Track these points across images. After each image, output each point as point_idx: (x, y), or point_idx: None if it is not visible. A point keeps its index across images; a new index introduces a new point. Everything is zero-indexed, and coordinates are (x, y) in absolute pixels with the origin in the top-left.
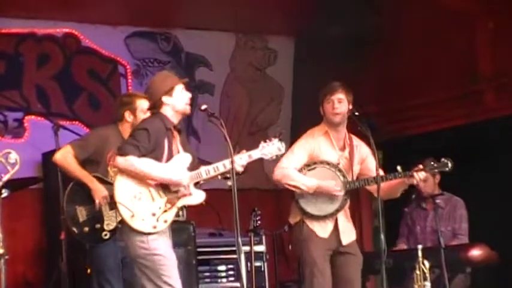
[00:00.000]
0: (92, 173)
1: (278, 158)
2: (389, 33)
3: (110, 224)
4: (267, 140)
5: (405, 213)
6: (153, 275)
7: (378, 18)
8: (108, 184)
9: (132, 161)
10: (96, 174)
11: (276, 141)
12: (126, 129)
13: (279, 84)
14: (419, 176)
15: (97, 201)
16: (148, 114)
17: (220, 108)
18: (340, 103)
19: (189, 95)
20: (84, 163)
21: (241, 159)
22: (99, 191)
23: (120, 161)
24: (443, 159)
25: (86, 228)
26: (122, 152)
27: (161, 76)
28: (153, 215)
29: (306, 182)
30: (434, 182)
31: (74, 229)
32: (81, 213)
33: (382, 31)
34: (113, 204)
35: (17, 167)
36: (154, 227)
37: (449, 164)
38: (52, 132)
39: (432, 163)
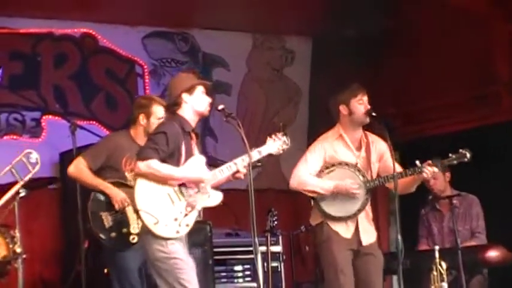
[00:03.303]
0: (111, 179)
1: (285, 152)
2: (406, 34)
3: (136, 227)
4: (273, 135)
5: (422, 215)
6: (170, 278)
7: (395, 20)
8: (128, 188)
9: (153, 165)
10: (115, 180)
11: (281, 135)
12: (138, 133)
13: (296, 85)
14: (431, 170)
15: (116, 205)
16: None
17: (237, 109)
18: (368, 103)
19: (209, 99)
20: (101, 171)
21: (253, 157)
22: (116, 195)
23: (141, 165)
24: (461, 150)
25: (113, 234)
26: (142, 157)
27: (183, 74)
28: (175, 219)
29: (322, 185)
30: (445, 180)
31: (102, 235)
32: (107, 219)
33: (399, 32)
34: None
35: (37, 167)
36: (178, 232)
37: (468, 154)
38: (69, 131)
39: (450, 154)
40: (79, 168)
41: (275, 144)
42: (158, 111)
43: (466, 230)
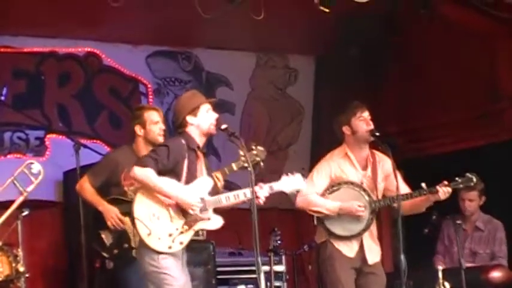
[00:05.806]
0: (112, 195)
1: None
2: (409, 53)
3: (137, 240)
4: (289, 174)
5: (442, 230)
6: None
7: (398, 38)
8: (127, 203)
9: (148, 173)
10: (113, 196)
11: (298, 175)
12: (140, 146)
13: (300, 104)
14: (444, 190)
15: (109, 222)
16: (159, 125)
17: (241, 128)
18: (371, 120)
19: (215, 115)
20: (104, 188)
21: (263, 190)
22: (107, 211)
23: (137, 171)
24: (467, 174)
25: (116, 251)
26: (141, 164)
27: (187, 95)
28: (170, 235)
29: (328, 205)
30: (479, 204)
31: (104, 254)
32: (106, 236)
33: (402, 50)
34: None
35: (40, 177)
36: (170, 247)
37: (474, 179)
38: (73, 150)
39: (457, 178)
40: (81, 186)
41: (288, 183)
42: (152, 116)
43: (487, 254)
